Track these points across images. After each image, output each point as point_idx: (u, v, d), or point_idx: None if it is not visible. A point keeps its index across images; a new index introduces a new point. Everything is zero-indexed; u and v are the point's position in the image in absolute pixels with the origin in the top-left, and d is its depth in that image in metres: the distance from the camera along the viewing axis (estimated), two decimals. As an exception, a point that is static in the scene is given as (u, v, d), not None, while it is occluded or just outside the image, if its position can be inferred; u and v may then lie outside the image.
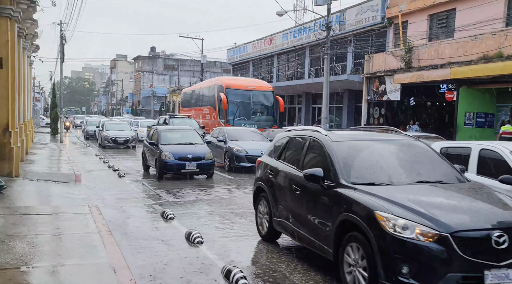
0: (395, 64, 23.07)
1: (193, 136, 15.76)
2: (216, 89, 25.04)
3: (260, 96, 24.73)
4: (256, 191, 7.82)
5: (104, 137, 26.59)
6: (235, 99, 23.91)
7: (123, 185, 13.20)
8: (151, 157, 15.33)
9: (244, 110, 24.31)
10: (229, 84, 24.30)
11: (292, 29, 36.12)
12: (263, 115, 24.81)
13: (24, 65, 18.37)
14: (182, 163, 13.96)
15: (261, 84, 26.34)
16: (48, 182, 12.91)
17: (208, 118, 26.67)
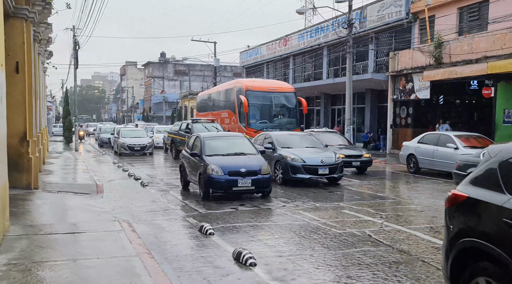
0: (424, 61, 22.02)
1: (243, 145, 12.72)
2: (235, 92, 23.89)
3: (282, 98, 23.47)
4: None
5: (120, 145, 25.67)
6: (256, 101, 22.65)
7: (149, 195, 12.29)
8: (192, 171, 12.37)
9: (266, 113, 23.05)
10: (249, 86, 23.07)
11: (308, 29, 35.18)
12: (285, 117, 23.49)
13: (39, 71, 17.60)
14: (234, 179, 11.04)
15: (283, 85, 25.07)
16: (69, 194, 12.04)
17: (227, 122, 25.53)
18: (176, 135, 23.26)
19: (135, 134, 26.97)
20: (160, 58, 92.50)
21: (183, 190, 13.22)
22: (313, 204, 10.57)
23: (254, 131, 21.18)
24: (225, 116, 25.08)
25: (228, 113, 25.01)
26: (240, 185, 11.00)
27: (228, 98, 25.25)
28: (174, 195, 12.26)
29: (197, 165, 11.98)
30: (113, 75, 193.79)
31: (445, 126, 21.74)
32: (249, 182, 11.02)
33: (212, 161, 11.35)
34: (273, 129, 21.60)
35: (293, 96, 23.60)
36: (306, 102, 25.21)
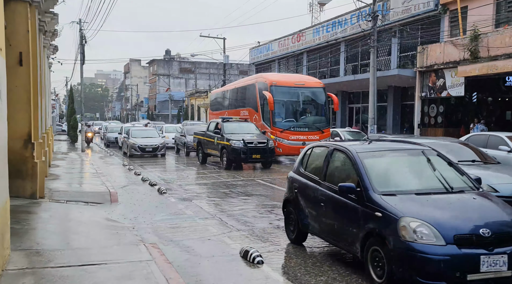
0: (457, 55, 20.41)
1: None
2: (257, 88, 21.43)
3: (310, 94, 21.04)
4: None
5: (130, 146, 23.79)
6: (281, 98, 20.20)
7: (169, 205, 10.78)
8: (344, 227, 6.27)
9: (292, 111, 20.66)
10: (274, 81, 20.58)
11: (324, 24, 33.59)
12: (314, 115, 20.98)
13: (45, 65, 16.11)
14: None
15: (310, 80, 22.44)
16: (79, 204, 10.55)
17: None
18: (204, 136, 20.38)
19: (146, 134, 25.10)
20: (165, 56, 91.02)
21: (207, 202, 11.70)
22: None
23: (280, 131, 19.36)
24: (245, 114, 22.67)
25: (249, 111, 22.61)
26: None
27: (249, 95, 22.92)
28: (199, 205, 10.73)
29: (357, 217, 5.62)
30: (116, 73, 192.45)
31: (480, 127, 20.14)
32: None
33: (408, 211, 5.12)
34: (301, 129, 19.82)
35: (322, 92, 21.08)
36: (337, 99, 22.38)
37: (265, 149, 17.74)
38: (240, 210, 10.12)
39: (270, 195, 12.28)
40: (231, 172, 17.36)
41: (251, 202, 11.11)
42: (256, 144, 17.53)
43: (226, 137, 17.89)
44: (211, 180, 15.56)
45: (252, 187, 13.67)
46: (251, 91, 22.41)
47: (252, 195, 12.14)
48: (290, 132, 19.67)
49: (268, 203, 10.91)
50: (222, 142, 18.10)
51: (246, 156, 17.39)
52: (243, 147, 17.34)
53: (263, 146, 17.71)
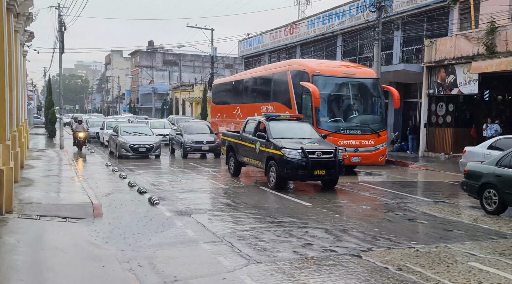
0: (470, 50, 18.97)
1: None
2: (290, 78, 17.31)
3: (362, 87, 16.88)
4: None
5: (120, 145, 20.44)
6: (326, 91, 16.09)
7: (164, 222, 8.98)
8: None
9: (340, 108, 16.58)
10: (317, 70, 16.24)
11: (320, 15, 31.88)
12: (368, 114, 16.89)
13: (16, 52, 14.06)
14: None
15: (361, 69, 18.17)
16: (56, 220, 8.70)
17: None
18: (238, 139, 15.02)
19: (139, 131, 22.08)
20: (148, 47, 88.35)
21: (209, 215, 9.91)
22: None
23: (325, 134, 14.93)
24: (271, 111, 18.60)
25: (276, 107, 18.42)
26: None
27: (277, 87, 18.69)
28: (200, 222, 8.95)
29: None
30: (97, 64, 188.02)
31: (494, 127, 18.78)
32: None
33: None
34: (352, 132, 15.91)
35: (377, 84, 16.95)
36: (398, 93, 17.94)
37: (333, 163, 12.33)
38: (251, 230, 8.38)
39: (281, 207, 10.57)
40: (230, 177, 15.60)
41: (262, 218, 9.36)
42: (319, 155, 12.26)
43: (275, 143, 12.75)
44: (211, 186, 13.80)
45: (258, 197, 11.95)
46: (281, 82, 18.15)
47: (260, 208, 10.41)
48: (339, 136, 15.72)
49: (284, 220, 9.19)
50: (268, 150, 12.92)
51: (306, 172, 12.09)
52: (302, 159, 12.07)
53: (329, 158, 12.32)
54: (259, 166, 13.59)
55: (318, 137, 13.60)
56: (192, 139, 21.11)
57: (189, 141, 20.95)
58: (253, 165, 14.22)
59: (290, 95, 17.32)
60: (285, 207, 10.54)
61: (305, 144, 12.62)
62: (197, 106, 56.35)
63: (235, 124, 21.89)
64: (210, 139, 21.50)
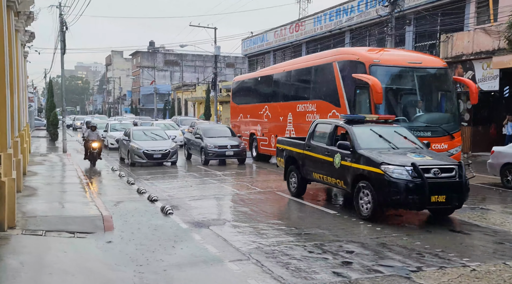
0: (490, 44, 18.19)
1: None
2: (338, 69, 14.57)
3: (430, 79, 13.84)
4: None
5: (133, 151, 18.31)
6: (388, 85, 13.11)
7: (181, 235, 8.21)
8: None
9: (404, 105, 13.39)
10: (376, 59, 13.32)
11: (327, 11, 31.09)
12: (437, 111, 13.91)
13: (17, 53, 13.30)
14: None
15: (428, 57, 14.88)
16: (63, 236, 7.93)
17: (313, 120, 15.07)
18: (304, 149, 11.45)
19: (152, 135, 19.88)
20: (149, 47, 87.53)
21: (228, 226, 9.13)
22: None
23: None
24: (310, 110, 16.27)
25: (319, 105, 15.83)
26: None
27: (319, 81, 16.01)
28: (221, 235, 8.18)
29: None
30: (97, 65, 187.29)
31: (514, 125, 17.98)
32: None
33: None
34: (420, 133, 12.41)
35: (447, 75, 14.04)
36: (475, 85, 14.87)
37: (457, 184, 8.77)
38: (278, 244, 7.61)
39: (305, 217, 9.79)
40: (239, 180, 14.82)
41: (288, 230, 8.59)
42: (437, 173, 8.70)
43: (368, 156, 9.20)
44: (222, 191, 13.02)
45: (279, 204, 11.19)
46: (324, 76, 15.57)
47: (283, 218, 9.64)
48: None
49: (312, 232, 8.41)
50: (356, 166, 9.42)
51: (421, 198, 8.53)
52: (413, 179, 8.58)
53: (451, 178, 8.82)
54: (340, 185, 10.10)
55: (423, 148, 10.06)
56: (215, 143, 18.88)
57: (211, 145, 18.78)
58: (328, 183, 10.67)
59: (339, 91, 14.48)
60: (309, 216, 9.76)
61: (412, 157, 9.07)
62: (200, 106, 55.59)
63: (261, 126, 20.18)
64: (235, 143, 19.19)
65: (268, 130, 19.51)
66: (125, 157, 19.72)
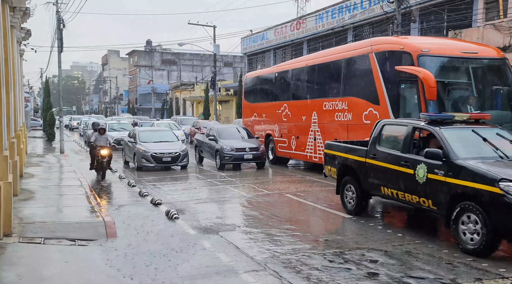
0: (501, 41, 17.65)
1: None
2: (376, 62, 12.76)
3: (487, 71, 12.18)
4: None
5: (140, 154, 16.74)
6: (440, 78, 11.01)
7: (189, 241, 7.69)
8: None
9: (457, 100, 11.48)
10: (424, 49, 11.44)
11: (329, 9, 30.56)
12: (495, 109, 11.68)
13: (13, 51, 12.74)
14: None
15: (482, 47, 12.71)
16: (63, 244, 7.40)
17: (345, 120, 14.24)
18: (367, 156, 9.16)
19: (160, 137, 18.21)
20: (146, 46, 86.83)
21: (239, 232, 8.60)
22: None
23: None
24: (340, 108, 14.47)
25: (351, 103, 14.02)
26: None
27: (351, 75, 14.26)
28: (232, 242, 7.65)
29: None
30: (93, 65, 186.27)
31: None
32: None
33: None
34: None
35: (506, 66, 11.98)
36: None
37: None
38: (294, 251, 7.10)
39: (319, 221, 9.29)
40: (245, 180, 14.32)
41: (302, 236, 8.08)
42: None
43: (473, 169, 7.00)
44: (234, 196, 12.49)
45: (289, 207, 10.68)
46: (358, 69, 13.86)
47: (296, 222, 9.12)
48: None
49: (329, 238, 7.90)
50: (455, 181, 7.16)
51: None
52: None
53: None
54: (425, 206, 7.79)
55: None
56: (232, 146, 17.01)
57: (228, 148, 16.89)
58: (406, 202, 8.31)
59: (377, 86, 12.68)
60: (323, 220, 9.26)
61: None
62: (198, 105, 55.07)
63: (280, 126, 18.44)
64: (254, 146, 17.25)
65: (287, 131, 17.85)
66: (130, 160, 18.20)
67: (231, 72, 71.92)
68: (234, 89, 44.22)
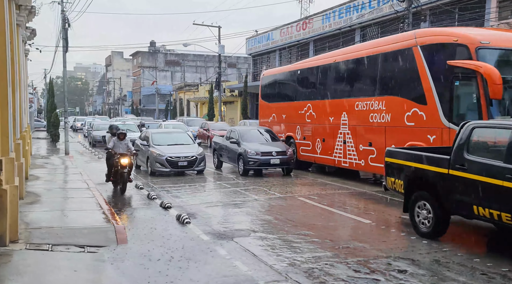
0: (515, 41, 17.22)
1: None
2: (422, 56, 11.45)
3: None
4: None
5: (154, 158, 15.63)
6: (503, 74, 9.51)
7: (203, 248, 7.33)
8: None
9: None
10: (485, 41, 10.10)
11: (336, 8, 30.21)
12: None
13: (18, 50, 12.42)
14: None
15: None
16: (71, 251, 7.04)
17: (385, 121, 12.70)
18: (453, 168, 7.29)
19: (175, 139, 17.04)
20: (150, 48, 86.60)
21: (254, 238, 8.23)
22: None
23: None
24: (377, 108, 12.98)
25: (390, 102, 12.57)
26: None
27: (392, 71, 12.70)
28: (249, 250, 7.30)
29: None
30: (96, 66, 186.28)
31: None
32: None
33: None
34: None
35: None
36: None
37: None
38: (316, 260, 6.73)
39: (338, 228, 8.92)
40: (273, 186, 13.95)
41: (321, 242, 7.71)
42: None
43: None
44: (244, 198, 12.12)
45: (303, 210, 10.32)
46: (401, 64, 12.33)
47: (312, 227, 8.75)
48: None
49: (350, 245, 7.52)
50: None
51: None
52: None
53: None
54: None
55: None
56: (257, 149, 15.60)
57: (253, 152, 15.46)
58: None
59: (423, 84, 11.34)
60: (342, 226, 8.89)
61: None
62: (203, 106, 54.75)
63: (302, 128, 17.08)
64: (281, 150, 15.79)
65: (311, 133, 16.47)
66: (142, 164, 17.01)
67: (234, 73, 71.66)
68: (239, 90, 43.89)
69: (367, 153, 13.33)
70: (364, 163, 13.47)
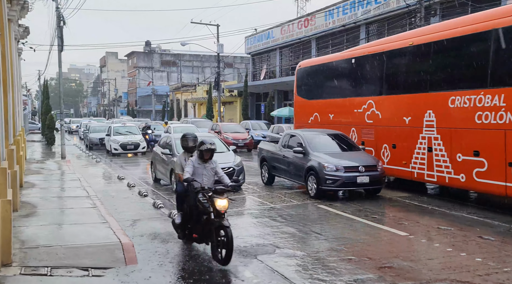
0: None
1: None
2: None
3: None
4: None
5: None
6: None
7: (223, 269, 6.40)
8: None
9: None
10: None
11: (340, 4, 29.31)
12: None
13: (10, 48, 11.41)
14: None
15: None
16: (73, 276, 6.11)
17: (503, 122, 9.44)
18: None
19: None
20: (145, 48, 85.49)
21: (279, 255, 7.28)
22: None
23: None
24: (488, 105, 9.78)
25: (509, 97, 9.40)
26: None
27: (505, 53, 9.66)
28: (277, 270, 6.37)
29: None
30: (90, 68, 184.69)
31: None
32: None
33: None
34: None
35: None
36: None
37: None
38: (355, 282, 5.81)
39: (373, 241, 8.00)
40: (270, 190, 12.94)
41: (359, 261, 6.79)
42: None
43: None
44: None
45: (324, 220, 9.39)
46: None
47: (343, 242, 7.82)
48: None
49: (393, 264, 6.60)
50: None
51: None
52: None
53: None
54: None
55: None
56: (337, 163, 11.53)
57: (332, 167, 11.43)
58: None
59: None
60: (377, 240, 7.96)
61: None
62: (201, 107, 53.76)
63: (360, 131, 14.06)
64: (369, 164, 11.76)
65: (374, 137, 13.43)
66: (163, 177, 13.77)
67: (232, 73, 70.69)
68: (238, 90, 42.94)
69: (470, 164, 10.20)
70: (465, 178, 10.34)
